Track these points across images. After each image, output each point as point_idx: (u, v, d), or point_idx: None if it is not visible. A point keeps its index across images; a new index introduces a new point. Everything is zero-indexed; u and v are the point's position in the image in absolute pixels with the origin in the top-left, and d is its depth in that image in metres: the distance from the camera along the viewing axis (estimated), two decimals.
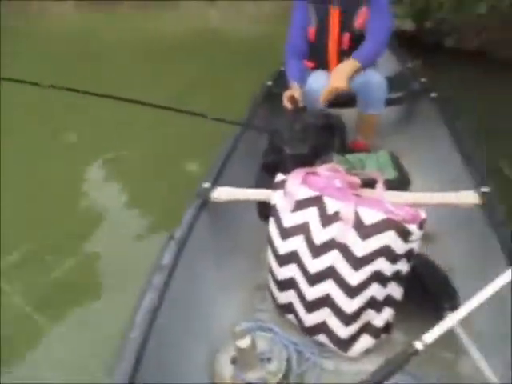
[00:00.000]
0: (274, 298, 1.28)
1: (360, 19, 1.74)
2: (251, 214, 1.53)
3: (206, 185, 1.34)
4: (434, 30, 3.74)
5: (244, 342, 1.07)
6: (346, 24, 1.76)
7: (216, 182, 1.37)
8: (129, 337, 0.89)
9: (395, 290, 1.15)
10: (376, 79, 1.73)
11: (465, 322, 1.11)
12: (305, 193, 1.15)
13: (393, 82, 1.84)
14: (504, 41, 3.50)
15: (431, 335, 0.91)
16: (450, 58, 3.59)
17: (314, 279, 1.12)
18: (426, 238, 1.60)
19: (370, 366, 1.01)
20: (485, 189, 1.29)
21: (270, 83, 2.16)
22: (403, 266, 1.11)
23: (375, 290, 1.09)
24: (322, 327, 1.15)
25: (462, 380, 1.10)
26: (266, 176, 1.52)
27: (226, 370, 1.15)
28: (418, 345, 0.90)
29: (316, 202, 1.13)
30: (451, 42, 3.82)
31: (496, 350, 1.05)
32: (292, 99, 1.77)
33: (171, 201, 1.96)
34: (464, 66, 3.41)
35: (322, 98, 1.66)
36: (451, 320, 0.93)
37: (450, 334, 1.07)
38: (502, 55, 3.43)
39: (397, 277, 1.12)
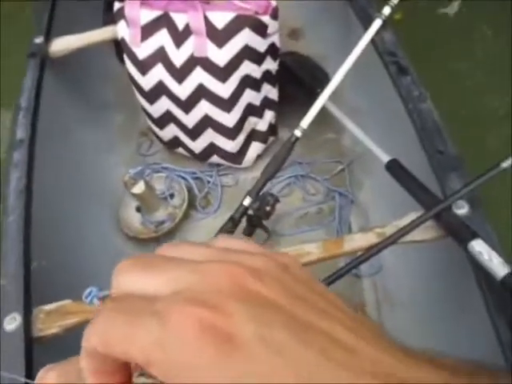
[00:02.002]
0: (158, 138, 1.24)
1: None
2: (110, 62, 1.38)
3: (39, 39, 1.14)
4: None
5: (138, 188, 1.05)
6: None
7: (50, 34, 1.17)
8: (7, 222, 0.82)
9: (270, 92, 1.14)
10: None
11: (338, 100, 1.16)
12: (147, 15, 1.02)
13: None
14: None
15: (307, 119, 0.94)
16: None
17: (188, 105, 1.07)
18: (293, 35, 1.59)
19: None
20: None
21: None
22: (271, 65, 1.09)
23: (250, 96, 1.08)
24: (212, 149, 1.15)
25: (344, 152, 1.20)
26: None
27: (134, 219, 1.16)
28: (297, 132, 0.93)
29: (163, 21, 1.02)
30: None
31: (371, 121, 1.12)
32: None
33: None
34: None
35: None
36: (322, 98, 0.95)
37: (330, 117, 1.13)
38: None
39: (267, 77, 1.10)
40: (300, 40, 1.54)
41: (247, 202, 0.93)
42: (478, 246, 0.63)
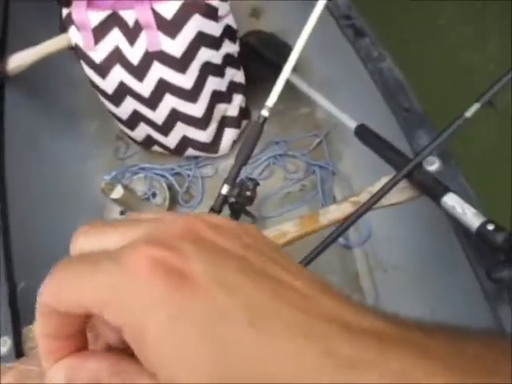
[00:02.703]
0: (132, 139, 1.22)
1: None
2: (75, 68, 1.36)
3: None
4: None
5: (116, 192, 1.04)
6: None
7: (5, 51, 1.15)
8: None
9: (235, 75, 1.12)
10: None
11: (308, 73, 1.14)
12: (96, 17, 1.00)
13: None
14: None
15: (272, 98, 0.92)
16: None
17: (153, 101, 1.05)
18: (254, 13, 1.56)
19: None
20: None
21: None
22: (230, 48, 1.07)
23: (214, 83, 1.06)
24: (185, 142, 1.13)
25: (319, 125, 1.18)
26: None
27: None
28: (264, 112, 0.91)
29: (113, 21, 1.00)
30: None
31: (343, 89, 1.10)
32: None
33: None
34: None
35: None
36: (284, 74, 0.92)
37: (300, 92, 1.10)
38: None
39: (229, 61, 1.08)
40: (261, 18, 1.51)
41: (225, 190, 0.91)
42: (451, 200, 0.62)
